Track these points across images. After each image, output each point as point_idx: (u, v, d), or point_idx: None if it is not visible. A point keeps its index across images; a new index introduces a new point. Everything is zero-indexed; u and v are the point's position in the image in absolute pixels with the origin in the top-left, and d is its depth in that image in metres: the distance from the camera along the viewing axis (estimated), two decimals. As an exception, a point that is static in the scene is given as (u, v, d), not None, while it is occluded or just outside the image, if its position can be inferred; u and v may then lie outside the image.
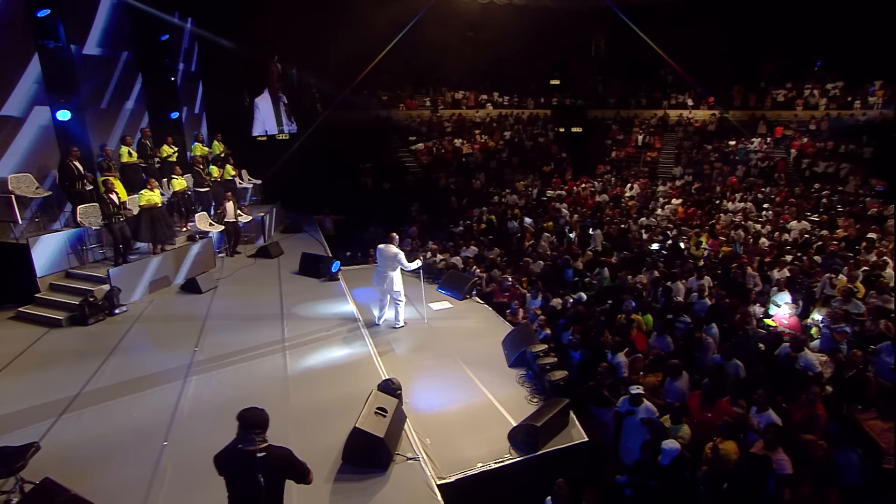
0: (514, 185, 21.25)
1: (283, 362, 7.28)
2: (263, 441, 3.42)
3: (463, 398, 6.66)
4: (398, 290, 8.41)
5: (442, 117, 27.41)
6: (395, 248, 8.27)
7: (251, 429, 3.39)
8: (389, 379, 5.99)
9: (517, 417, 6.09)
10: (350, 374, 7.00)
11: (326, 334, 8.15)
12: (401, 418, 5.72)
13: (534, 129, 27.92)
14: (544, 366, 6.65)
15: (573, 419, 6.19)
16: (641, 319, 8.59)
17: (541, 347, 7.04)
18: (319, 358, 7.43)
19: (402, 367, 7.37)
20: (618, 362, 7.23)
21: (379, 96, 27.12)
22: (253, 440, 3.37)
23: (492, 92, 29.21)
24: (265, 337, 8.03)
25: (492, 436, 5.92)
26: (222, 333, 8.21)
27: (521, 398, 6.63)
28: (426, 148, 25.09)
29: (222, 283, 10.33)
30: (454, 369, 7.34)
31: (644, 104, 28.42)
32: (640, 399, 6.16)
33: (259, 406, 3.56)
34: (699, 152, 24.48)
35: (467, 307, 9.61)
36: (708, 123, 26.22)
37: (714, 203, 17.23)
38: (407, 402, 6.52)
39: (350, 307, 9.14)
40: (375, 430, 5.14)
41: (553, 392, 6.39)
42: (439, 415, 6.35)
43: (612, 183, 21.32)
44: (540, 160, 25.20)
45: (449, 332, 8.55)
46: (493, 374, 7.21)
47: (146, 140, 11.49)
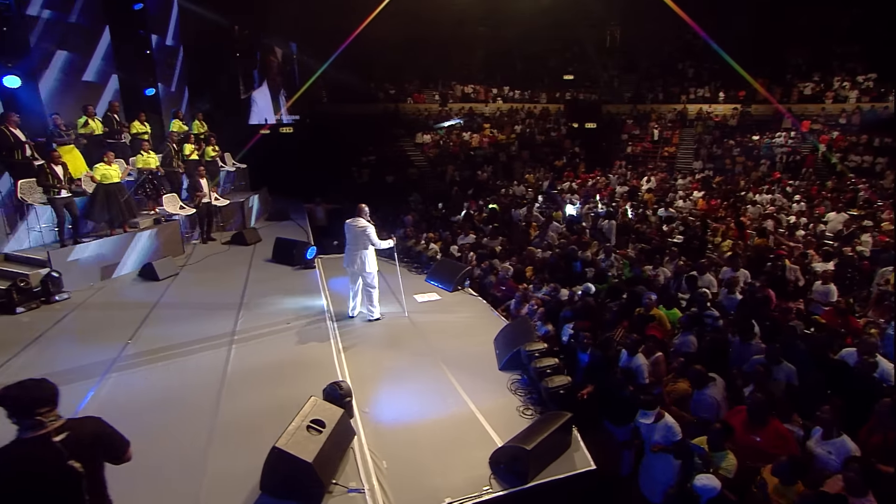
0: (523, 177, 19.73)
1: (225, 359, 5.88)
2: (57, 418, 2.46)
3: (439, 409, 5.16)
4: (371, 272, 6.96)
5: (451, 111, 26.03)
6: (363, 220, 6.84)
7: (30, 409, 2.38)
8: (336, 383, 4.51)
9: (505, 436, 4.58)
10: (301, 375, 5.55)
11: (286, 327, 6.72)
12: (346, 435, 4.25)
13: (546, 124, 26.34)
14: (542, 369, 5.13)
15: (577, 439, 4.65)
16: (664, 315, 7.03)
17: (539, 346, 5.51)
18: (269, 355, 6.00)
19: (369, 369, 5.92)
20: (637, 365, 5.68)
21: (386, 89, 25.89)
22: (41, 423, 2.38)
23: (503, 86, 27.75)
24: (214, 329, 6.64)
25: (470, 460, 4.41)
26: (167, 324, 6.86)
27: (512, 410, 5.11)
28: (433, 141, 23.71)
29: (186, 270, 8.99)
30: (432, 372, 5.85)
31: (661, 99, 26.70)
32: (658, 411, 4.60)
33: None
34: (720, 147, 22.68)
35: (458, 300, 8.11)
36: (729, 118, 24.40)
37: (739, 195, 15.49)
38: (366, 413, 5.08)
39: (321, 298, 7.70)
40: (302, 452, 3.68)
41: (552, 403, 4.86)
42: (406, 430, 4.86)
43: (627, 177, 19.64)
44: (552, 154, 23.61)
45: (432, 327, 7.06)
46: (480, 379, 5.70)
47: (114, 114, 10.21)
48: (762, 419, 4.43)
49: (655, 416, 4.42)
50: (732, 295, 7.66)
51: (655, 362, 5.99)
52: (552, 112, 27.29)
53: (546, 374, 5.07)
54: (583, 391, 5.33)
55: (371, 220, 7.03)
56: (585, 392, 5.29)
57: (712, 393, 5.18)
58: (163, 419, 4.77)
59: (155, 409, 4.93)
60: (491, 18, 25.72)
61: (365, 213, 6.94)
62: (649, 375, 5.64)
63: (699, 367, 5.25)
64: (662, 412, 4.62)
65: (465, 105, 26.52)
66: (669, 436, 4.28)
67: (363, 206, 7.01)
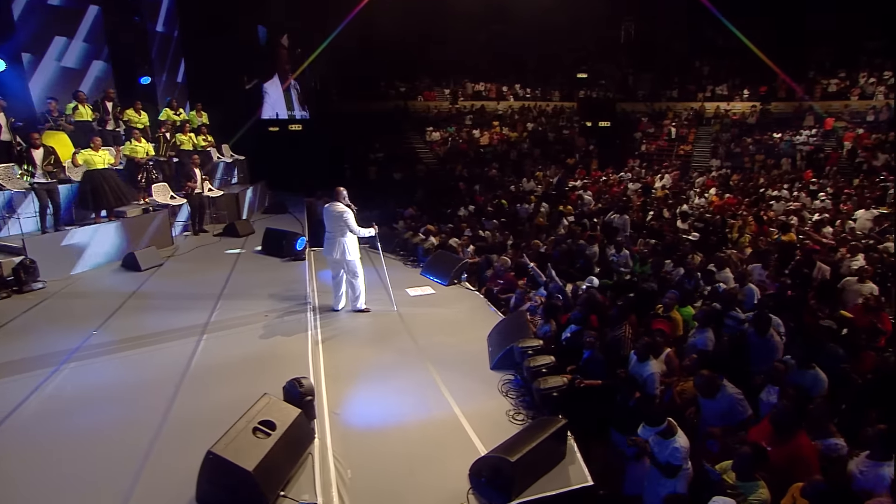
0: (533, 175, 19.03)
1: (192, 352, 5.32)
2: None
3: (419, 412, 4.54)
4: (353, 260, 6.38)
5: (462, 108, 25.47)
6: (341, 205, 6.26)
7: None
8: (297, 379, 3.91)
9: (490, 444, 3.94)
10: (270, 370, 4.95)
11: (263, 319, 6.16)
12: (303, 440, 3.65)
13: (559, 122, 25.61)
14: (536, 368, 4.48)
15: (573, 450, 3.99)
16: (680, 317, 6.33)
17: (534, 343, 4.85)
18: (239, 348, 5.43)
19: (347, 366, 5.33)
20: (648, 374, 4.96)
21: (397, 87, 25.42)
22: None
23: (514, 84, 27.09)
24: (188, 320, 6.10)
25: (448, 471, 3.79)
26: (139, 315, 6.35)
27: (501, 414, 4.47)
28: (442, 138, 23.16)
29: (172, 261, 8.50)
30: (416, 371, 5.24)
31: (677, 96, 25.78)
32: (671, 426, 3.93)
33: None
34: (738, 145, 21.72)
35: (453, 294, 7.48)
36: (748, 116, 23.40)
37: (759, 192, 14.62)
38: (337, 414, 4.49)
39: (305, 290, 7.14)
40: (241, 459, 3.09)
41: (544, 407, 4.21)
42: (379, 435, 4.26)
43: (641, 174, 18.83)
44: (564, 152, 22.88)
45: (423, 322, 6.45)
46: (469, 380, 5.07)
47: (107, 101, 9.82)
48: (788, 430, 3.73)
49: (664, 430, 3.75)
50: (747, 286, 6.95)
51: (666, 360, 5.32)
52: (565, 110, 26.56)
53: (541, 374, 4.41)
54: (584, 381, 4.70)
55: (351, 205, 6.47)
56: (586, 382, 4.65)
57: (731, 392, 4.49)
58: (109, 415, 4.22)
59: (103, 404, 4.38)
60: (504, 16, 25.12)
61: (343, 197, 6.38)
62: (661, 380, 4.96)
63: (707, 373, 4.55)
64: (673, 426, 3.94)
65: (476, 103, 25.93)
66: (673, 460, 3.60)
67: (341, 189, 6.45)
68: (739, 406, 4.35)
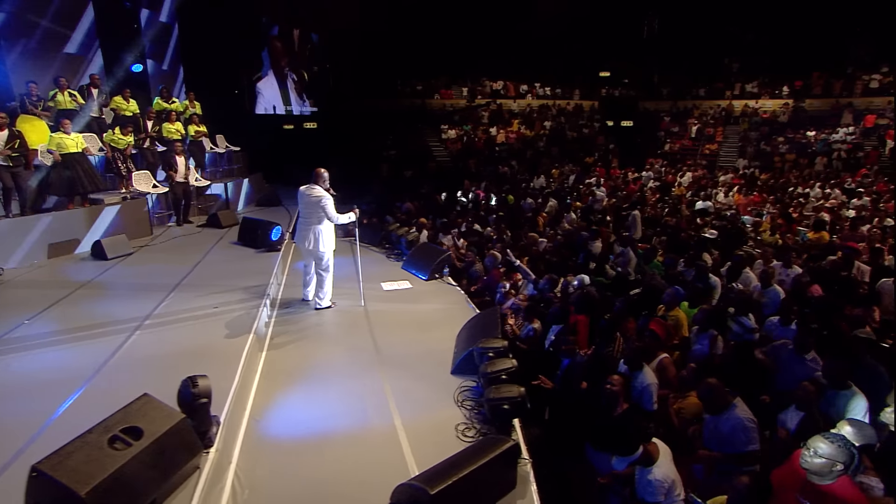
0: (549, 173, 18.08)
1: (119, 345, 4.68)
2: None
3: (354, 422, 3.79)
4: (325, 252, 5.69)
5: (479, 106, 24.66)
6: (320, 189, 5.57)
7: None
8: (193, 378, 3.20)
9: (425, 465, 3.14)
10: (195, 368, 4.21)
11: (211, 313, 5.49)
12: (183, 451, 2.92)
13: (578, 121, 24.58)
14: (494, 375, 3.65)
15: (526, 477, 3.16)
16: (684, 315, 5.43)
17: (496, 344, 4.02)
18: (172, 343, 4.75)
19: (288, 365, 4.64)
20: (645, 386, 4.11)
21: (413, 85, 24.79)
22: None
23: (534, 82, 26.15)
24: (131, 311, 5.45)
25: (366, 496, 3.03)
26: (82, 305, 5.76)
27: (449, 428, 3.66)
28: (457, 136, 22.42)
29: (145, 251, 7.96)
30: (366, 374, 4.48)
31: (703, 94, 24.43)
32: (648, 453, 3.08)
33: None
34: (768, 144, 20.31)
35: (432, 289, 6.70)
36: (779, 114, 21.93)
37: (788, 190, 13.39)
38: (257, 421, 3.77)
39: (269, 281, 6.45)
40: (74, 479, 2.38)
41: (494, 421, 3.39)
42: (298, 448, 3.53)
43: (662, 173, 17.68)
44: (583, 151, 21.84)
45: (389, 320, 5.69)
46: (424, 385, 4.29)
47: (93, 88, 9.43)
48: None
49: (639, 459, 2.91)
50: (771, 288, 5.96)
51: (658, 367, 4.44)
52: (586, 109, 25.51)
53: (498, 381, 3.59)
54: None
55: (332, 190, 5.78)
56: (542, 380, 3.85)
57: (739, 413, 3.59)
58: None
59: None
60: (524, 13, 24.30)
61: (323, 180, 5.69)
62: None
63: (714, 382, 3.67)
64: (651, 453, 3.09)
65: (494, 101, 25.10)
66: (647, 496, 2.75)
67: (321, 171, 5.75)
68: (743, 434, 3.45)
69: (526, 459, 3.25)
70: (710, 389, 3.65)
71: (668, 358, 4.55)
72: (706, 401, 3.71)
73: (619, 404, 3.78)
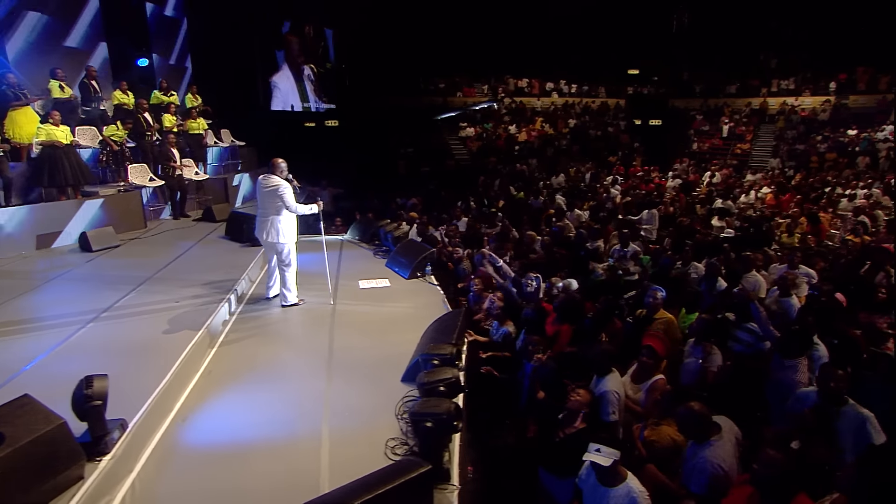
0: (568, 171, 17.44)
1: (63, 339, 4.46)
2: None
3: (280, 431, 3.42)
4: (284, 244, 5.36)
5: (502, 103, 24.12)
6: (276, 178, 5.25)
7: None
8: (89, 378, 2.88)
9: (338, 483, 2.73)
10: (134, 366, 3.99)
11: (171, 307, 5.23)
12: (57, 459, 2.59)
13: (604, 119, 23.75)
14: (431, 386, 3.20)
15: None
16: (674, 319, 4.86)
17: (444, 350, 3.58)
18: (117, 338, 4.47)
19: (233, 365, 4.32)
20: (603, 391, 3.64)
21: (436, 83, 24.42)
22: None
23: (559, 80, 25.42)
24: (94, 303, 5.23)
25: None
26: (45, 296, 5.61)
27: (380, 443, 3.24)
28: (476, 134, 21.97)
29: (133, 244, 7.83)
30: (309, 377, 4.12)
31: (737, 92, 23.21)
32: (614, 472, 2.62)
33: None
34: (805, 143, 19.06)
35: (411, 288, 6.28)
36: (819, 111, 20.59)
37: (822, 191, 12.40)
38: (180, 424, 3.46)
39: (239, 276, 6.17)
40: None
41: (416, 439, 2.95)
42: (214, 456, 3.19)
43: (687, 172, 16.78)
44: (606, 150, 21.04)
45: (356, 320, 5.31)
46: (369, 392, 3.89)
47: (90, 81, 9.42)
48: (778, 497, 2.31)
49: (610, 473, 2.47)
50: (787, 298, 5.30)
51: (651, 389, 3.91)
52: (612, 107, 24.65)
53: (435, 393, 3.15)
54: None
55: (292, 180, 5.46)
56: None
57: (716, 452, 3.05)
58: None
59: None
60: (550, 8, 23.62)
61: (280, 170, 5.37)
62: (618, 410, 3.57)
63: (698, 407, 3.13)
64: (622, 472, 2.64)
65: (517, 99, 24.53)
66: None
67: (279, 161, 5.43)
68: (702, 477, 2.92)
69: (454, 486, 2.81)
70: (692, 414, 3.11)
71: (663, 380, 3.96)
72: (685, 426, 3.18)
73: (574, 421, 3.29)
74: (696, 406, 3.12)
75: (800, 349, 3.89)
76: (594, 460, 2.74)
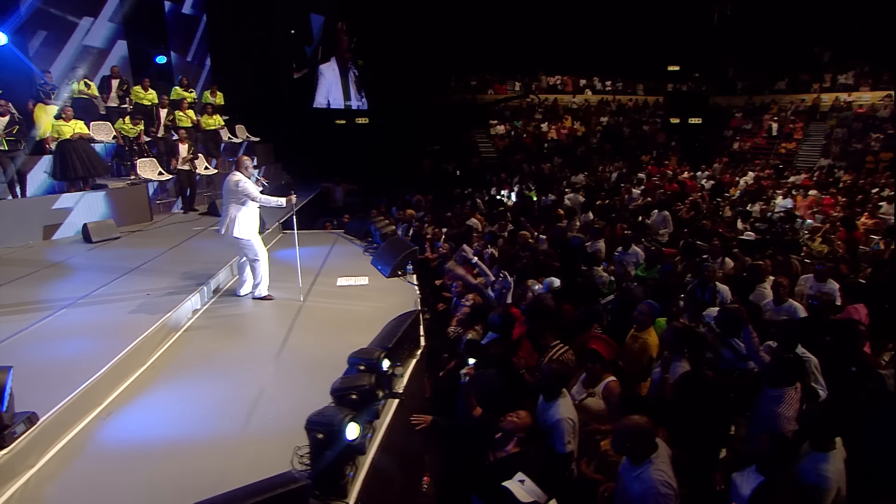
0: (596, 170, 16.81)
1: (24, 327, 4.51)
2: None
3: (201, 427, 3.31)
4: (244, 239, 5.31)
5: (533, 102, 23.58)
6: (238, 174, 5.20)
7: None
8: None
9: (233, 485, 2.55)
10: (80, 352, 3.98)
11: (140, 298, 5.21)
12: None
13: (640, 117, 22.83)
14: (343, 393, 2.97)
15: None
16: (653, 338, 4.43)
17: (371, 355, 3.34)
18: (77, 327, 4.50)
19: (183, 359, 4.30)
20: (555, 420, 3.29)
21: (467, 80, 24.11)
22: None
23: (593, 77, 24.61)
24: (74, 291, 5.34)
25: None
26: (26, 285, 5.67)
27: (290, 449, 3.03)
28: (506, 132, 21.57)
29: (135, 236, 8.00)
30: (251, 374, 3.99)
31: (785, 88, 21.76)
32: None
33: None
34: (860, 141, 17.63)
35: (390, 287, 6.07)
36: (879, 108, 19.01)
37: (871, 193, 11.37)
38: (103, 420, 3.39)
39: (218, 270, 6.14)
40: None
41: (314, 454, 2.71)
42: (128, 453, 3.11)
43: (722, 172, 15.83)
44: (639, 149, 20.19)
45: (321, 317, 5.17)
46: (303, 394, 3.62)
47: (113, 79, 9.75)
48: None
49: None
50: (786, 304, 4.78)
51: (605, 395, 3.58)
52: (649, 104, 23.65)
53: (346, 401, 2.92)
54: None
55: (257, 177, 5.47)
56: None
57: (659, 471, 2.70)
58: None
59: None
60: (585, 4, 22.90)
61: (245, 167, 5.34)
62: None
63: (639, 423, 2.78)
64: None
65: (550, 96, 23.91)
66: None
67: (244, 158, 5.49)
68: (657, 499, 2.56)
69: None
70: (631, 430, 2.76)
71: (615, 382, 3.64)
72: (621, 444, 2.84)
73: (507, 444, 2.99)
74: (640, 420, 2.76)
75: (790, 378, 3.41)
76: (513, 491, 2.47)
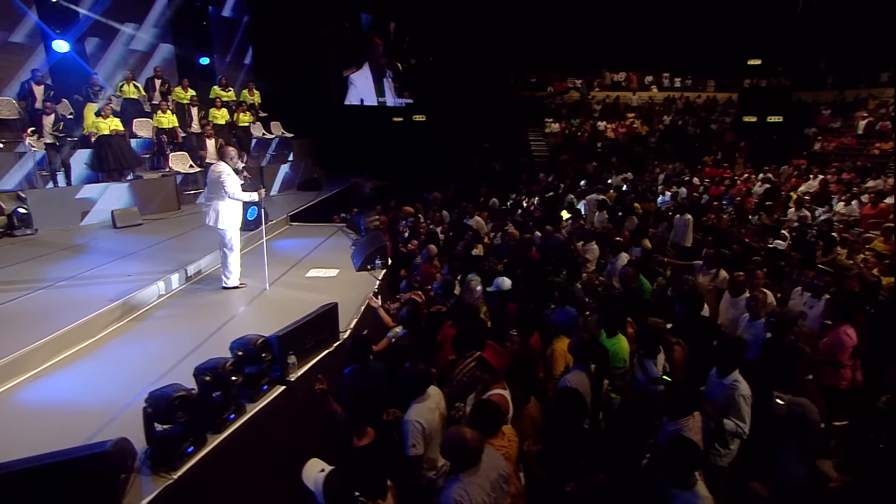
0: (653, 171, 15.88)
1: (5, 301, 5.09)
2: None
3: (91, 399, 3.58)
4: (225, 230, 5.60)
5: (593, 99, 22.67)
6: (222, 165, 5.48)
7: None
8: None
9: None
10: (27, 328, 4.42)
11: (121, 280, 5.66)
12: None
13: (709, 116, 21.26)
14: (198, 374, 3.06)
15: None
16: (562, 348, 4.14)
17: (254, 342, 3.41)
18: (47, 303, 5.01)
19: (126, 338, 4.64)
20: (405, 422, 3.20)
21: (527, 77, 23.64)
22: None
23: (661, 73, 23.20)
24: (66, 272, 5.96)
25: None
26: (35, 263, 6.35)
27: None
28: (560, 129, 20.97)
29: (156, 223, 8.69)
30: (169, 355, 4.25)
31: (888, 80, 19.24)
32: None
33: None
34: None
35: (354, 281, 6.16)
36: None
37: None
38: (25, 388, 3.77)
39: (202, 258, 6.53)
40: None
41: (147, 424, 2.81)
42: (25, 414, 3.44)
43: (787, 174, 14.35)
44: (703, 149, 18.82)
45: (274, 307, 5.37)
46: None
47: (156, 79, 10.69)
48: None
49: None
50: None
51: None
52: (720, 102, 21.96)
53: (200, 382, 3.02)
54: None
55: (240, 169, 5.70)
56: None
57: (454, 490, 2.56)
58: None
59: None
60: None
61: (230, 157, 5.60)
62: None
63: (468, 435, 2.65)
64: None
65: (611, 94, 22.88)
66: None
67: (229, 149, 5.75)
68: None
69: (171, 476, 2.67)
70: (455, 445, 2.63)
71: (500, 395, 3.44)
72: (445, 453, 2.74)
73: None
74: (465, 434, 2.62)
75: (686, 409, 3.08)
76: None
